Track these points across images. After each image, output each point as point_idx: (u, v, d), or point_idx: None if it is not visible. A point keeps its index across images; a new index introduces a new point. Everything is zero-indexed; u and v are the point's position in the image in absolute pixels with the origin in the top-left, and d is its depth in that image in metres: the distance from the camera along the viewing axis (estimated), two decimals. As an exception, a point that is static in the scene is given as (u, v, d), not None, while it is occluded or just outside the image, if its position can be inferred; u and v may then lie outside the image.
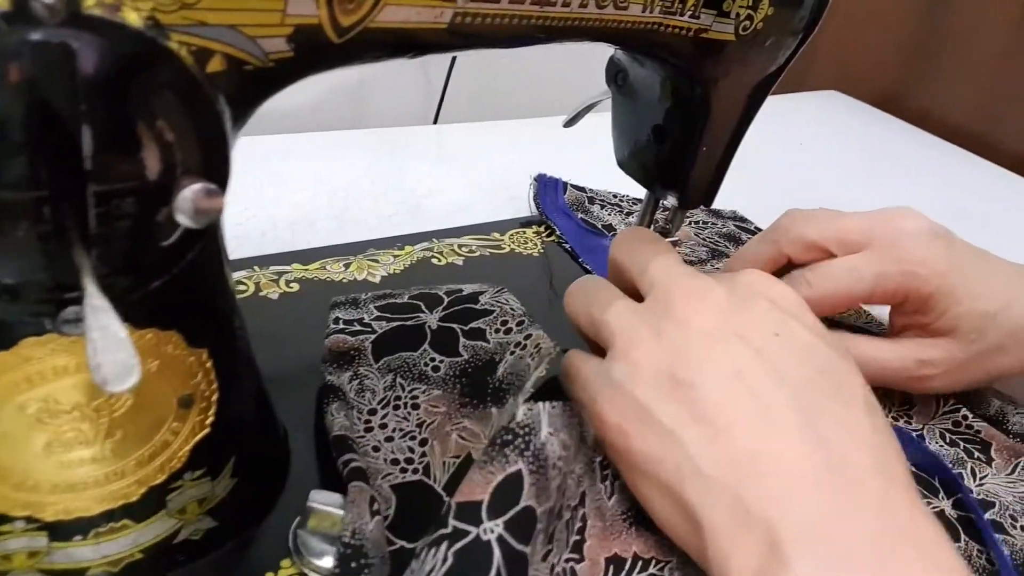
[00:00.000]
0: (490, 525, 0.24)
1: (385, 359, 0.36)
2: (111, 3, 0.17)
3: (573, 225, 0.55)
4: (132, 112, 0.18)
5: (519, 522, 0.25)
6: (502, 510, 0.25)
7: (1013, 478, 0.38)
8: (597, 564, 0.29)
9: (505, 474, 0.25)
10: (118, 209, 0.19)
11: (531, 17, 0.27)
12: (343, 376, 0.34)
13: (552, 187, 0.59)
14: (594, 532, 0.30)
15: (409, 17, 0.23)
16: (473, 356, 0.37)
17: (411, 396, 0.35)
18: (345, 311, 0.39)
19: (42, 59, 0.16)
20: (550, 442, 0.27)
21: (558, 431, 0.27)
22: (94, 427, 0.23)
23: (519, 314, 0.40)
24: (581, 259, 0.52)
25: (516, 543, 0.24)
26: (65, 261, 0.19)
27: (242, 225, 0.48)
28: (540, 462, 0.26)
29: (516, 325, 0.39)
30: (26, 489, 0.23)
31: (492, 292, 0.41)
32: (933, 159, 0.85)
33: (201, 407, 0.25)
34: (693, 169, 0.40)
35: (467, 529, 0.24)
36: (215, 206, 0.20)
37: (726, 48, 0.34)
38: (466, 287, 0.42)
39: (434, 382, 0.36)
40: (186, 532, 0.26)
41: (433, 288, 0.42)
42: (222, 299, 0.26)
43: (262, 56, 0.21)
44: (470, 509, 0.24)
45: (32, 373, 0.21)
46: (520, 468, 0.25)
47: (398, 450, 0.32)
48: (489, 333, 0.38)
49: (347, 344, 0.36)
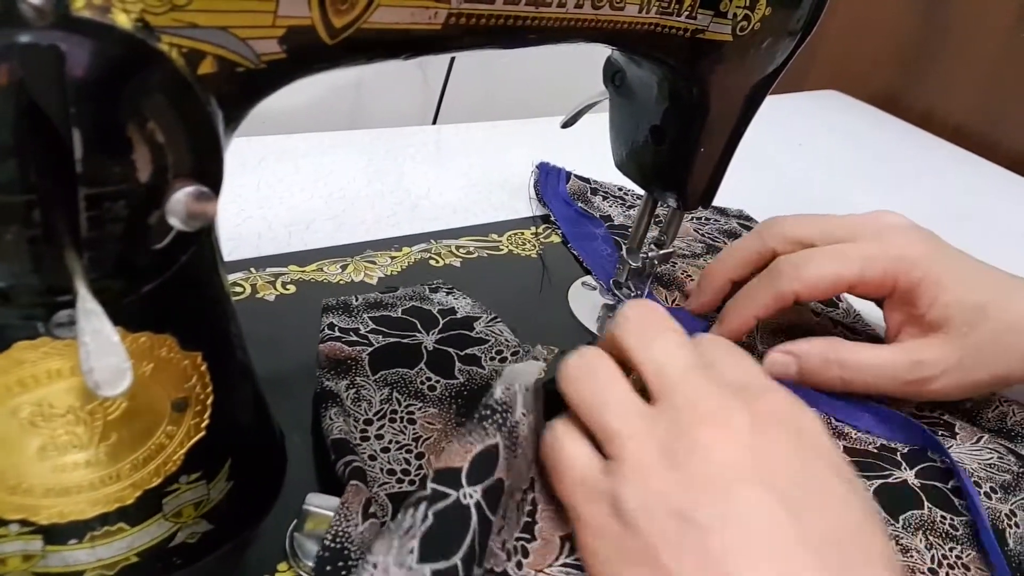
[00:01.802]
0: (469, 490, 0.25)
1: (382, 372, 0.36)
2: (100, 5, 0.17)
3: (570, 212, 0.56)
4: (123, 115, 0.18)
5: (492, 492, 0.25)
6: (480, 479, 0.25)
7: (979, 446, 0.39)
8: (551, 543, 0.29)
9: (484, 445, 0.26)
10: (110, 212, 0.19)
11: (526, 18, 0.27)
12: (340, 384, 0.35)
13: (554, 175, 0.59)
14: (546, 515, 0.30)
15: (403, 18, 0.23)
16: (469, 380, 0.38)
17: (407, 411, 0.35)
18: (339, 317, 0.39)
19: (31, 62, 0.16)
20: (523, 422, 0.27)
21: (528, 413, 0.28)
22: (88, 430, 0.23)
23: (513, 345, 0.41)
24: (571, 245, 0.52)
25: (489, 511, 0.25)
26: (57, 264, 0.19)
27: (238, 226, 0.48)
28: (513, 439, 0.27)
29: (511, 355, 0.40)
30: (20, 492, 0.23)
31: (485, 320, 0.42)
32: (933, 159, 0.84)
33: (196, 410, 0.25)
34: (691, 170, 0.39)
35: (447, 492, 0.24)
36: (208, 209, 0.20)
37: (723, 49, 0.34)
38: (459, 307, 0.43)
39: (430, 400, 0.36)
40: (182, 535, 0.26)
41: (424, 302, 0.42)
42: (216, 302, 0.26)
43: (254, 58, 0.21)
44: (449, 474, 0.25)
45: (25, 376, 0.21)
46: (497, 442, 0.26)
47: (394, 461, 0.32)
48: (484, 360, 0.39)
49: (344, 353, 0.36)
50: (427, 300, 0.43)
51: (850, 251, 0.40)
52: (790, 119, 0.87)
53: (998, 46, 0.87)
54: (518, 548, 0.29)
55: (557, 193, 0.57)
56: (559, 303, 0.46)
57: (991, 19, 0.87)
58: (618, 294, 0.46)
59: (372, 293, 0.42)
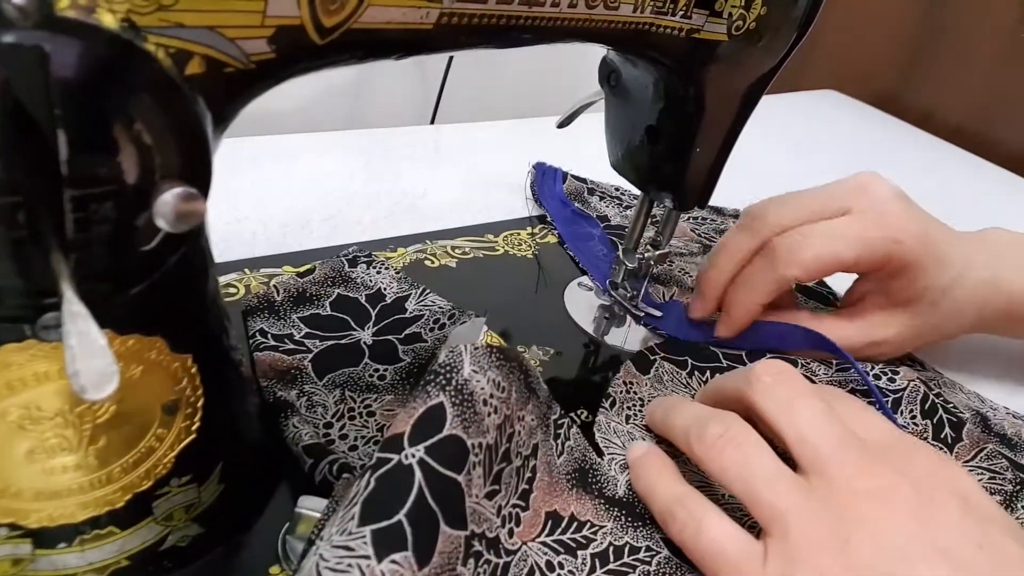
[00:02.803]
0: (411, 451, 0.24)
1: (329, 376, 0.36)
2: (85, 5, 0.17)
3: (567, 212, 0.55)
4: (108, 116, 0.18)
5: (443, 448, 0.25)
6: (423, 438, 0.25)
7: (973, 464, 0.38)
8: (538, 515, 0.30)
9: (427, 406, 0.25)
10: (96, 214, 0.19)
11: (519, 17, 0.26)
12: (291, 393, 0.34)
13: (551, 175, 0.59)
14: (541, 485, 0.30)
15: (394, 18, 0.23)
16: (416, 357, 0.38)
17: (364, 406, 0.35)
18: (267, 321, 0.38)
19: (14, 62, 0.16)
20: (475, 379, 0.27)
21: (484, 369, 0.27)
22: (77, 433, 0.23)
23: (448, 309, 0.41)
24: (567, 246, 0.52)
25: (442, 468, 0.24)
26: (43, 266, 0.18)
27: (232, 226, 0.48)
28: (464, 396, 0.26)
29: (448, 320, 0.40)
30: (9, 496, 0.22)
31: (416, 296, 0.42)
32: (932, 159, 0.84)
33: (186, 413, 0.25)
34: (687, 170, 0.39)
35: (389, 457, 0.24)
36: (196, 210, 0.20)
37: (719, 48, 0.34)
38: (385, 287, 0.43)
39: (383, 389, 0.36)
40: (173, 539, 0.26)
41: (349, 287, 0.42)
42: (207, 303, 0.26)
43: (243, 58, 0.20)
44: (393, 441, 0.25)
45: (13, 379, 0.21)
46: (441, 401, 0.26)
47: (364, 456, 0.32)
48: (424, 334, 0.39)
49: (284, 363, 0.36)
50: (351, 283, 0.42)
51: (848, 231, 0.40)
52: (788, 119, 0.87)
53: (998, 46, 0.86)
54: (512, 515, 0.29)
55: (554, 193, 0.57)
56: (555, 304, 0.46)
57: (991, 19, 0.87)
58: (614, 295, 0.46)
59: (291, 278, 0.41)
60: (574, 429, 0.34)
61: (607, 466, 0.33)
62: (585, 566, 0.29)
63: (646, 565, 0.29)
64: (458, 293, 0.43)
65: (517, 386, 0.29)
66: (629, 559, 0.29)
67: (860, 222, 0.40)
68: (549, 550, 0.29)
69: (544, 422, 0.32)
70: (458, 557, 0.24)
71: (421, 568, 0.22)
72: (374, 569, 0.21)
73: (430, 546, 0.23)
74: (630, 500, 0.32)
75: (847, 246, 0.39)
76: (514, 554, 0.28)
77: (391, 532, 0.22)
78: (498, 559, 0.27)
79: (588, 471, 0.32)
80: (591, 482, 0.32)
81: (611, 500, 0.32)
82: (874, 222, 0.40)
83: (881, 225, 0.40)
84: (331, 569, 0.21)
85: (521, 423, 0.30)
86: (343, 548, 0.22)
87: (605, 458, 0.34)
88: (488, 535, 0.27)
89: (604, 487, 0.32)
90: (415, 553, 0.22)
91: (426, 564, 0.22)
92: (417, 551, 0.22)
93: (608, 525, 0.31)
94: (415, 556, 0.22)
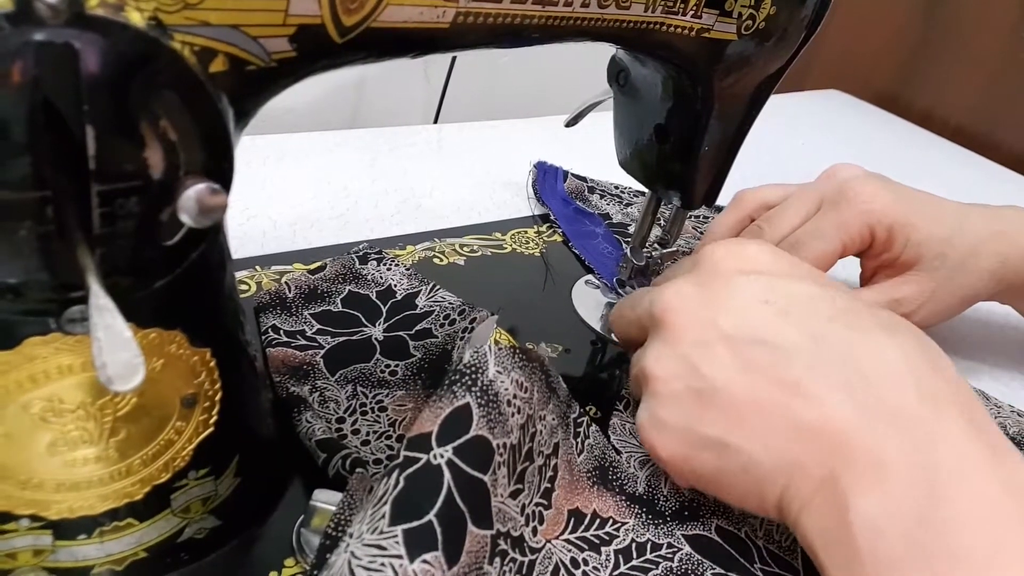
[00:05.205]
0: (439, 451, 0.24)
1: (341, 372, 0.36)
2: (114, 3, 0.17)
3: (569, 211, 0.56)
4: (135, 112, 0.18)
5: (471, 449, 0.25)
6: (451, 438, 0.25)
7: None
8: (561, 513, 0.30)
9: (453, 407, 0.26)
10: (122, 209, 0.19)
11: (533, 17, 0.27)
12: (303, 388, 0.34)
13: (552, 174, 0.59)
14: (563, 483, 0.31)
15: (411, 17, 0.23)
16: (427, 353, 0.38)
17: (376, 401, 0.35)
18: (279, 317, 0.39)
19: (45, 59, 0.16)
20: (499, 379, 0.27)
21: (508, 370, 0.28)
22: (98, 426, 0.23)
23: (458, 305, 0.41)
24: (572, 244, 0.52)
25: (469, 468, 0.25)
26: (69, 260, 0.19)
27: (244, 225, 0.48)
28: (489, 397, 0.26)
29: (459, 316, 0.40)
30: (31, 488, 0.23)
31: (426, 292, 0.42)
32: (933, 158, 0.85)
33: (205, 406, 0.25)
34: (695, 169, 0.40)
35: (417, 456, 0.24)
36: (218, 205, 0.20)
37: (728, 48, 0.34)
38: (396, 283, 0.43)
39: (395, 385, 0.36)
40: (190, 531, 0.26)
41: (360, 283, 0.42)
42: (225, 299, 0.26)
43: (265, 56, 0.21)
44: (420, 440, 0.25)
45: (36, 372, 0.21)
46: (468, 402, 0.26)
47: (377, 450, 0.32)
48: (435, 329, 0.40)
49: (297, 359, 0.36)
50: (361, 280, 0.43)
51: (821, 224, 0.42)
52: (792, 118, 0.87)
53: (999, 46, 0.87)
54: (536, 514, 0.29)
55: (555, 192, 0.58)
56: (563, 301, 0.46)
57: (992, 19, 0.87)
58: (621, 292, 0.46)
59: (302, 275, 0.42)
60: (593, 427, 0.34)
61: (626, 463, 0.33)
62: (609, 562, 0.29)
63: (668, 561, 0.30)
64: (467, 291, 0.43)
65: (539, 386, 0.30)
66: (652, 555, 0.30)
67: (831, 210, 0.42)
68: (573, 547, 0.29)
69: (564, 421, 0.32)
70: (485, 556, 0.25)
71: (450, 567, 0.23)
72: (407, 569, 0.22)
73: (459, 545, 0.23)
74: (650, 497, 0.32)
75: (826, 241, 0.41)
76: (539, 552, 0.28)
77: (422, 532, 0.23)
78: (523, 557, 0.27)
79: (608, 468, 0.33)
80: (611, 479, 0.32)
81: (632, 497, 0.32)
82: (845, 204, 0.41)
83: (850, 203, 0.41)
84: (364, 568, 0.22)
85: (543, 422, 0.30)
86: (375, 547, 0.22)
87: (623, 456, 0.34)
88: (513, 534, 0.27)
89: (624, 484, 0.32)
90: (445, 552, 0.23)
91: (455, 563, 0.23)
92: (447, 551, 0.23)
93: (630, 522, 0.31)
94: (445, 555, 0.23)
